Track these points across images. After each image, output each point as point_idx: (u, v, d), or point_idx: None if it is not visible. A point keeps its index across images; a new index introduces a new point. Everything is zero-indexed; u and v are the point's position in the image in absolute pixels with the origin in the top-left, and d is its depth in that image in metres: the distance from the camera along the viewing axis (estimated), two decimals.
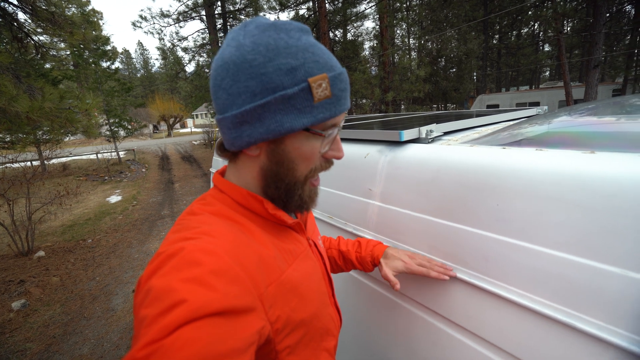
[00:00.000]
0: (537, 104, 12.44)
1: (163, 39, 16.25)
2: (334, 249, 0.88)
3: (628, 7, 16.15)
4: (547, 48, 26.01)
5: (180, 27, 17.63)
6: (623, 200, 0.50)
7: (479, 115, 1.41)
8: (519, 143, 0.79)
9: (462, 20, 16.47)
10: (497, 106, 13.21)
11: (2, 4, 4.98)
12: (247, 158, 0.55)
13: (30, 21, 5.87)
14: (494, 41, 22.05)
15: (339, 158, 0.56)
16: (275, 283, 0.50)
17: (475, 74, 20.59)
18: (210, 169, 2.53)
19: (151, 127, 37.72)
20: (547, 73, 35.92)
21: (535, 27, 24.37)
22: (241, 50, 0.47)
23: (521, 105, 12.81)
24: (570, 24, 21.83)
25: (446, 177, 0.76)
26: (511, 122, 1.32)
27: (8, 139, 7.51)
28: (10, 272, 4.29)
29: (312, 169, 0.55)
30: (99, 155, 14.79)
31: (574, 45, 21.15)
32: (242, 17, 17.04)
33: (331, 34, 15.77)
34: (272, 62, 0.46)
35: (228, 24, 16.63)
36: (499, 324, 0.64)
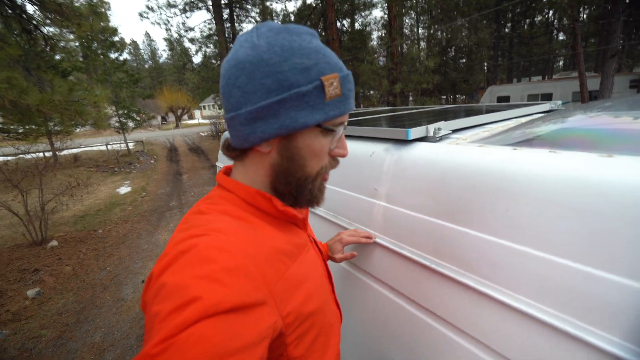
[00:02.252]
0: (549, 96, 12.08)
1: (170, 29, 16.27)
2: None
3: None
4: (561, 37, 25.18)
5: (187, 17, 17.59)
6: None
7: (489, 110, 1.37)
8: (531, 143, 0.76)
9: (473, 8, 16.01)
10: (507, 98, 12.89)
11: None
12: (256, 155, 0.57)
13: (38, 12, 5.90)
14: (506, 30, 21.40)
15: (343, 156, 0.59)
16: (283, 278, 0.51)
17: (485, 64, 20.09)
18: (217, 163, 2.54)
19: (159, 118, 38.00)
20: (561, 63, 34.85)
21: (550, 15, 23.58)
22: (257, 50, 0.49)
23: (533, 97, 12.46)
24: (587, 11, 21.04)
25: (454, 179, 0.74)
26: (523, 119, 1.28)
27: (21, 130, 7.65)
28: (25, 261, 4.42)
29: (323, 166, 0.57)
30: (109, 147, 14.96)
31: (590, 34, 20.40)
32: (249, 6, 16.86)
33: (338, 24, 15.50)
34: (288, 62, 0.48)
35: (235, 13, 16.47)
36: (504, 332, 0.63)
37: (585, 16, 21.12)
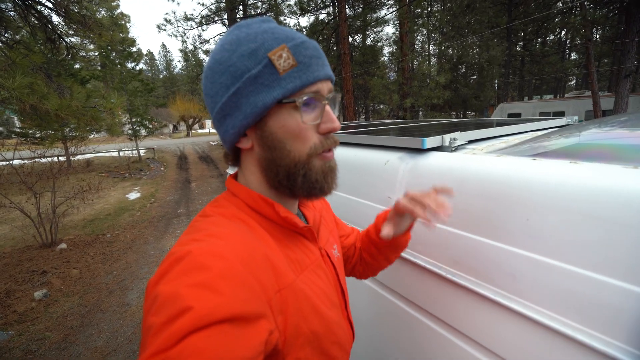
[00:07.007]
0: (562, 114, 11.99)
1: (186, 41, 16.74)
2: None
3: None
4: (573, 56, 25.16)
5: (203, 30, 18.21)
6: None
7: (504, 123, 1.36)
8: (550, 154, 0.74)
9: (484, 26, 16.15)
10: (518, 115, 12.82)
11: (38, 7, 5.24)
12: (246, 155, 0.56)
13: (63, 23, 6.14)
14: (518, 48, 21.47)
15: (334, 130, 0.52)
16: (284, 290, 0.48)
17: (496, 81, 20.11)
18: (227, 170, 2.56)
19: (171, 127, 38.78)
20: (573, 82, 34.68)
21: (562, 34, 23.63)
22: (212, 55, 0.52)
23: (545, 115, 12.38)
24: (600, 32, 21.02)
25: (471, 188, 0.73)
26: (540, 132, 1.26)
27: (38, 135, 7.88)
28: (34, 263, 4.46)
29: (311, 146, 0.51)
30: (121, 153, 15.28)
31: (603, 54, 20.32)
32: None
33: (350, 39, 15.78)
34: (236, 52, 0.49)
35: None
36: (526, 346, 0.60)
37: (598, 36, 21.10)
